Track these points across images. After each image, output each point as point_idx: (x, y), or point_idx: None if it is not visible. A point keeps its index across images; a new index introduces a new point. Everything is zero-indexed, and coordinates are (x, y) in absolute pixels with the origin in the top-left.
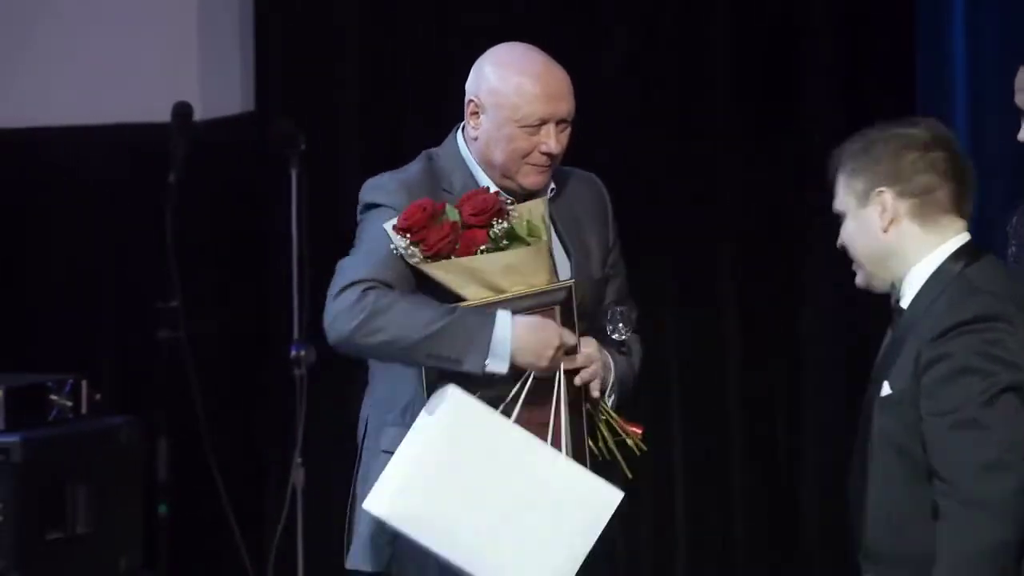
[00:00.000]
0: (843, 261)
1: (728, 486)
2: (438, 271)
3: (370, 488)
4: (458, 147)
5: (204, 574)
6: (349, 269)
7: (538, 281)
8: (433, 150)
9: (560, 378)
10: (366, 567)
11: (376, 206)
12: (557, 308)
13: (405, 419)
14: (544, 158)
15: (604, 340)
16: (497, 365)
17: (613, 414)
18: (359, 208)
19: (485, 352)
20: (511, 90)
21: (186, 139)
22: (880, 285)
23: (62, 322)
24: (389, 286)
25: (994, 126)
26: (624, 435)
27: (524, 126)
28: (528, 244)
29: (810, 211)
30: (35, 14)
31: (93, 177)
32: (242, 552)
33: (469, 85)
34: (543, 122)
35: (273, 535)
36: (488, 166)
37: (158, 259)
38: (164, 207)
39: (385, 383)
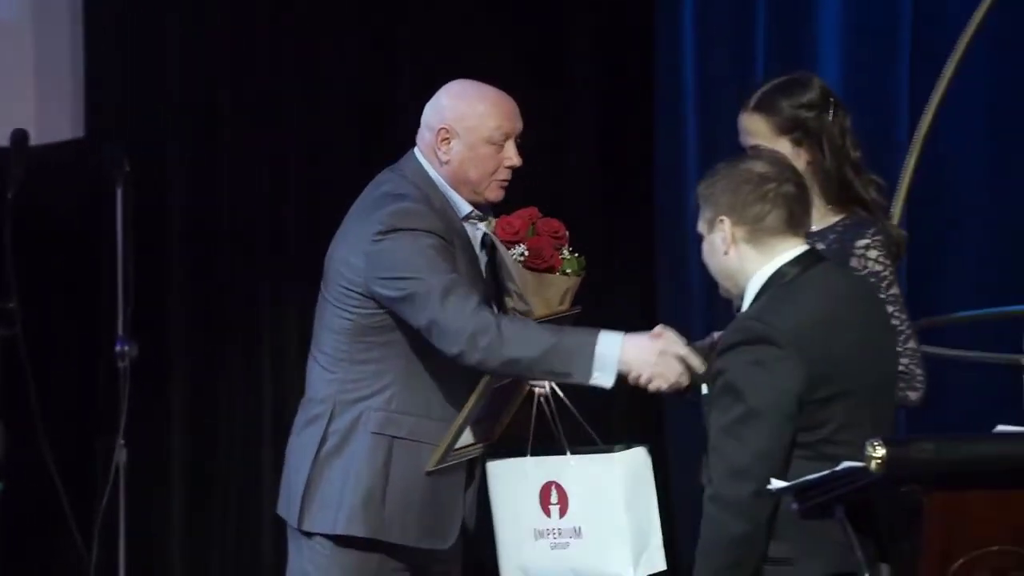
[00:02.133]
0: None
1: None
2: (527, 276)
3: (355, 463)
4: (425, 171)
5: (37, 546)
6: (445, 288)
7: (567, 305)
8: (401, 173)
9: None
10: (358, 532)
11: (411, 230)
12: None
13: (390, 407)
14: (508, 172)
15: None
16: (604, 379)
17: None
18: (383, 231)
19: (589, 367)
20: (479, 113)
21: (23, 161)
22: (731, 297)
23: None
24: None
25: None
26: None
27: (493, 143)
28: (579, 275)
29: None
30: None
31: None
32: (71, 523)
33: (431, 118)
34: (507, 138)
35: (99, 508)
36: (461, 185)
37: None
38: (3, 220)
39: (366, 372)
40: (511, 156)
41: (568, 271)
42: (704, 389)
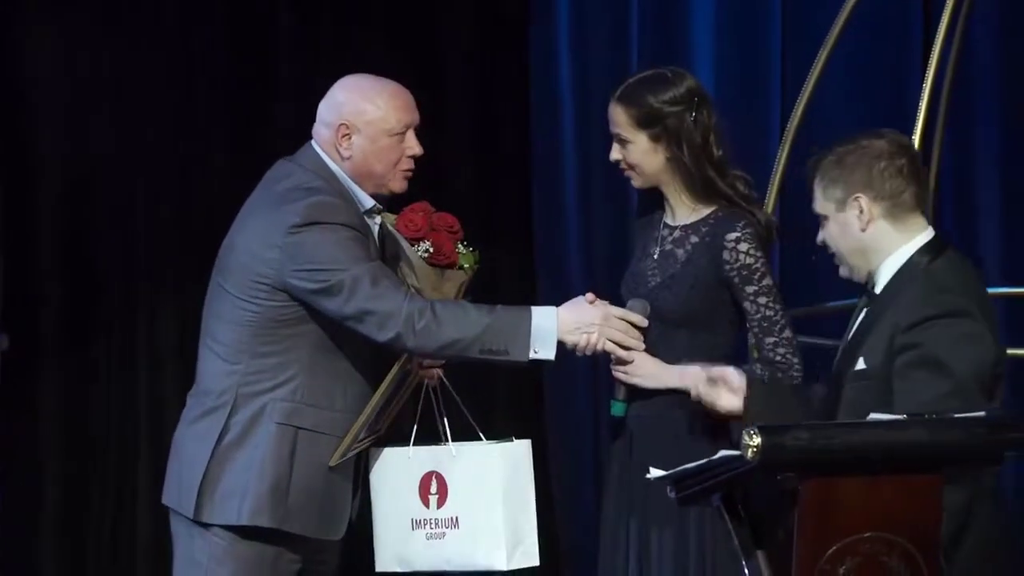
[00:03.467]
0: None
1: None
2: (429, 272)
3: (260, 453)
4: (326, 164)
5: None
6: (374, 276)
7: (460, 296)
8: (302, 166)
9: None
10: (263, 523)
11: (330, 224)
12: None
13: (296, 397)
14: (411, 162)
15: None
16: (545, 353)
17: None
18: (299, 224)
19: (527, 343)
20: (378, 106)
21: None
22: (860, 276)
23: None
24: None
25: (599, 144)
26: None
27: (394, 135)
28: (475, 268)
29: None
30: None
31: None
32: None
33: (329, 115)
34: (407, 128)
35: None
36: (364, 179)
37: None
38: None
39: (269, 365)
40: (413, 146)
41: (465, 265)
42: (861, 363)
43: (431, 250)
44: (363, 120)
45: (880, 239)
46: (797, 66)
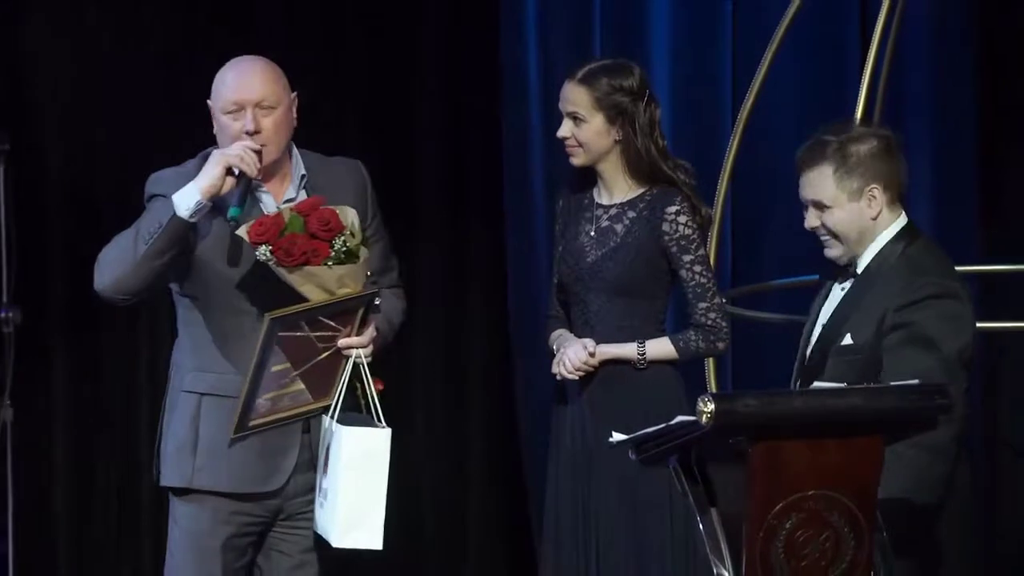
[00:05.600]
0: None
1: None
2: (287, 274)
3: (173, 419)
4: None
5: None
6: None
7: (357, 287)
8: (211, 149)
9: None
10: (175, 483)
11: (155, 196)
12: (362, 308)
13: (196, 365)
14: (248, 138)
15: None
16: (187, 201)
17: (367, 372)
18: (145, 199)
19: (170, 207)
20: (217, 85)
21: None
22: (847, 259)
23: None
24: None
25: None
26: (370, 390)
27: (226, 112)
28: (357, 259)
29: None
30: None
31: None
32: None
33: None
34: (239, 107)
35: None
36: None
37: None
38: None
39: (186, 334)
40: (246, 123)
41: (329, 263)
42: (848, 339)
43: (267, 254)
44: (213, 101)
45: (880, 225)
46: (747, 63)
